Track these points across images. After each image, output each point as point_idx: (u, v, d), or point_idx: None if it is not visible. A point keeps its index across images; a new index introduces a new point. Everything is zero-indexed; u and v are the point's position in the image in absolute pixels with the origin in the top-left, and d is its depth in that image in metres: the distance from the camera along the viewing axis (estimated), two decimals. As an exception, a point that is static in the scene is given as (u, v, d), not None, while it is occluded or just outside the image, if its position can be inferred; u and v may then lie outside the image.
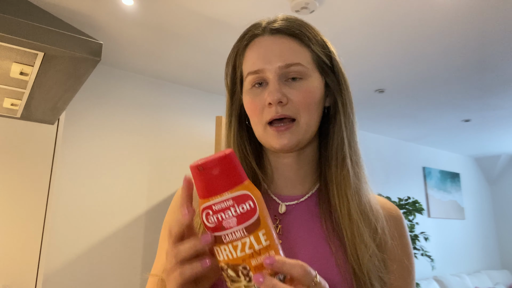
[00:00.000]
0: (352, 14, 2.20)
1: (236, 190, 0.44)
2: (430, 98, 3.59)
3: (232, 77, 0.68)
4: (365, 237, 0.59)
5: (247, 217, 0.44)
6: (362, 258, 0.57)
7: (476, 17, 2.23)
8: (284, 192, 0.67)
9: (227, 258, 0.44)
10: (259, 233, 0.43)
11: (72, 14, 2.19)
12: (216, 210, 0.44)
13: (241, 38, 0.66)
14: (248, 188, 0.45)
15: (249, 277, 0.43)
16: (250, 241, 0.43)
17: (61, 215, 2.57)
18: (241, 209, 0.44)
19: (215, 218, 0.44)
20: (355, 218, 0.60)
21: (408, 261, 0.64)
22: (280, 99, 0.59)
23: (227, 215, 0.44)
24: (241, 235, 0.43)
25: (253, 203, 0.44)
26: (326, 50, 0.64)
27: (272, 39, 0.62)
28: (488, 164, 6.39)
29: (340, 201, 0.61)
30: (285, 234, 0.62)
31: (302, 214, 0.64)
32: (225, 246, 0.44)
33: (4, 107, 1.81)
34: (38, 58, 1.31)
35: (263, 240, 0.43)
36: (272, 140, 0.61)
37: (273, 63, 0.60)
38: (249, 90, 0.63)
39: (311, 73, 0.62)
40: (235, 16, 2.21)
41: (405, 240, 0.66)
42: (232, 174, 0.45)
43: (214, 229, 0.44)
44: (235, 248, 0.44)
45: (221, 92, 3.43)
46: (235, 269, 0.44)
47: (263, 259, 0.43)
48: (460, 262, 5.48)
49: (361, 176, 0.64)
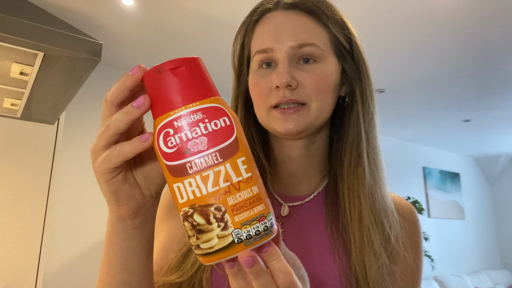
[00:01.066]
0: (352, 14, 2.19)
1: (208, 102, 0.33)
2: (430, 98, 3.58)
3: (240, 56, 0.61)
4: (376, 245, 0.52)
5: (222, 138, 0.33)
6: (369, 269, 0.51)
7: (476, 17, 2.23)
8: (288, 191, 0.60)
9: (194, 196, 0.32)
10: (238, 160, 0.33)
11: (72, 14, 2.19)
12: (180, 127, 0.32)
13: (252, 13, 0.59)
14: (222, 104, 0.35)
15: (224, 222, 0.32)
16: (226, 170, 0.32)
17: (61, 215, 2.57)
18: (213, 125, 0.33)
19: (177, 139, 0.32)
20: (366, 223, 0.53)
21: (417, 270, 0.58)
22: (289, 82, 0.51)
23: (194, 134, 0.32)
24: (213, 161, 0.32)
25: (229, 120, 0.34)
26: (346, 32, 0.57)
27: (285, 14, 0.55)
28: (488, 164, 6.39)
29: (351, 202, 0.54)
30: (288, 240, 0.55)
31: (306, 217, 0.58)
32: (190, 179, 0.32)
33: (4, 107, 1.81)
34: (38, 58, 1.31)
35: (243, 170, 0.33)
36: (276, 123, 0.54)
37: (284, 42, 0.53)
38: (256, 71, 0.56)
39: (326, 56, 0.55)
40: (234, 16, 2.21)
41: (419, 251, 0.59)
42: (202, 83, 0.34)
43: (175, 156, 0.32)
44: (204, 180, 0.32)
45: (221, 92, 3.41)
46: (205, 212, 0.32)
47: (241, 205, 0.32)
48: (460, 262, 5.47)
49: (378, 176, 0.57)
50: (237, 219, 0.32)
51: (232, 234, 0.32)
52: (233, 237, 0.32)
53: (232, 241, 0.32)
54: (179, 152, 0.32)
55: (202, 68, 0.35)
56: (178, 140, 0.32)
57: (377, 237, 0.53)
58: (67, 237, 2.57)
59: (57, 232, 2.53)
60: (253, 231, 0.32)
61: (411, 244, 0.57)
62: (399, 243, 0.55)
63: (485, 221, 6.25)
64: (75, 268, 2.57)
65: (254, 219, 0.32)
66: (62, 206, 2.58)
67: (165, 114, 0.33)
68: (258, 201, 0.33)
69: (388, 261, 0.53)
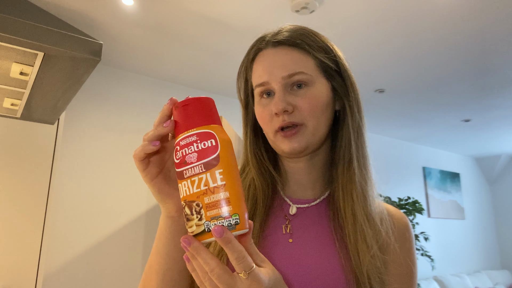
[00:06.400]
0: (352, 14, 2.20)
1: (202, 128, 0.46)
2: (430, 98, 3.59)
3: (245, 90, 0.71)
4: (368, 238, 0.60)
5: (207, 154, 0.44)
6: (363, 259, 0.59)
7: (476, 17, 2.23)
8: (297, 195, 0.69)
9: (185, 193, 0.45)
10: (216, 171, 0.44)
11: (72, 14, 2.19)
12: (182, 145, 0.46)
13: (248, 53, 0.69)
14: (214, 130, 0.46)
15: (200, 215, 0.43)
16: (206, 177, 0.44)
17: (61, 215, 2.57)
18: (202, 145, 0.45)
19: (180, 153, 0.46)
20: (359, 219, 0.61)
21: (410, 266, 0.65)
22: (285, 108, 0.61)
23: (189, 150, 0.45)
24: (199, 170, 0.44)
25: (215, 142, 0.45)
26: (330, 55, 0.65)
27: (274, 51, 0.64)
28: (488, 164, 6.39)
29: (345, 202, 0.63)
30: (295, 235, 0.64)
31: (311, 217, 0.66)
32: (185, 181, 0.45)
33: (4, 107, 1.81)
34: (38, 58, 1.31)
35: (219, 179, 0.44)
36: (282, 145, 0.63)
37: (276, 74, 0.62)
38: (259, 102, 0.66)
39: (315, 79, 0.63)
40: (234, 16, 2.21)
41: (410, 245, 0.67)
42: (204, 115, 0.47)
43: (179, 164, 0.46)
44: (192, 183, 0.44)
45: (221, 92, 3.44)
46: (190, 205, 0.44)
47: (212, 204, 0.43)
48: (460, 262, 5.48)
49: (368, 179, 0.65)
50: (209, 214, 0.43)
51: (204, 224, 0.43)
52: (205, 227, 0.43)
53: (204, 230, 0.43)
54: (181, 162, 0.46)
55: (209, 104, 0.48)
56: (180, 154, 0.46)
57: (369, 232, 0.61)
58: (67, 237, 2.57)
59: (57, 232, 2.53)
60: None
61: (403, 238, 0.66)
62: (389, 235, 0.63)
63: (485, 221, 6.25)
64: (75, 268, 2.57)
65: (221, 216, 0.43)
66: (62, 206, 2.58)
67: (178, 135, 0.47)
68: (227, 203, 0.43)
69: (379, 252, 0.61)
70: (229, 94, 3.46)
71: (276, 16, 2.17)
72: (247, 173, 0.70)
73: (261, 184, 0.67)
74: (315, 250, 0.62)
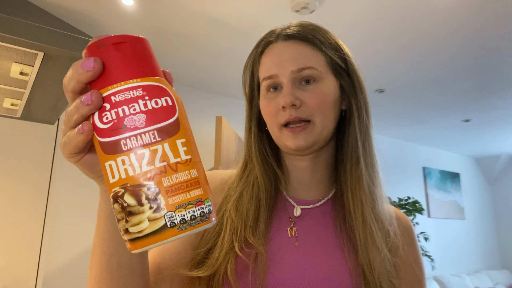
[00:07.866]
0: (352, 14, 2.20)
1: (150, 80, 0.33)
2: (430, 98, 3.59)
3: (250, 84, 0.69)
4: (378, 240, 0.59)
5: (162, 117, 0.31)
6: (373, 262, 0.57)
7: (476, 17, 2.24)
8: (300, 196, 0.67)
9: (126, 175, 0.30)
10: (178, 141, 0.31)
11: (72, 14, 2.19)
12: (117, 102, 0.31)
13: (257, 46, 0.67)
14: (166, 85, 0.34)
15: (157, 204, 0.30)
16: (163, 149, 0.31)
17: (61, 215, 2.57)
18: (154, 103, 0.31)
19: (113, 114, 0.31)
20: (368, 221, 0.60)
21: (419, 269, 0.65)
22: (293, 102, 0.59)
23: (132, 110, 0.31)
24: (150, 139, 0.30)
25: (172, 101, 0.33)
26: (340, 53, 0.64)
27: (285, 44, 0.63)
28: (488, 164, 6.39)
29: (355, 204, 0.61)
30: (300, 238, 0.62)
31: (317, 218, 0.65)
32: (123, 156, 0.30)
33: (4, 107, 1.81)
34: (38, 58, 1.31)
35: (182, 152, 0.31)
36: (287, 141, 0.61)
37: (286, 67, 0.61)
38: (265, 95, 0.64)
39: (324, 75, 0.62)
40: (234, 16, 2.21)
41: (416, 248, 0.67)
42: (146, 62, 0.33)
43: (109, 132, 0.31)
44: (139, 158, 0.30)
45: (221, 92, 3.43)
46: (136, 192, 0.30)
47: (176, 187, 0.30)
48: (460, 262, 5.48)
49: (375, 179, 0.64)
50: (172, 201, 0.30)
51: (164, 217, 0.30)
52: (166, 220, 0.30)
53: (164, 224, 0.30)
54: (114, 128, 0.31)
55: (147, 48, 0.34)
56: (114, 116, 0.31)
57: (379, 233, 0.60)
58: (67, 237, 2.57)
59: (57, 232, 2.53)
60: (188, 216, 0.30)
61: (409, 241, 0.66)
62: (397, 237, 0.63)
63: (485, 221, 6.25)
64: (75, 268, 2.57)
65: (190, 203, 0.30)
66: (62, 206, 2.58)
67: (103, 88, 0.32)
68: (196, 184, 0.31)
69: (389, 254, 0.60)
70: (229, 94, 3.46)
71: (276, 16, 2.17)
72: (250, 171, 0.66)
73: (264, 183, 0.64)
74: (322, 254, 0.60)
